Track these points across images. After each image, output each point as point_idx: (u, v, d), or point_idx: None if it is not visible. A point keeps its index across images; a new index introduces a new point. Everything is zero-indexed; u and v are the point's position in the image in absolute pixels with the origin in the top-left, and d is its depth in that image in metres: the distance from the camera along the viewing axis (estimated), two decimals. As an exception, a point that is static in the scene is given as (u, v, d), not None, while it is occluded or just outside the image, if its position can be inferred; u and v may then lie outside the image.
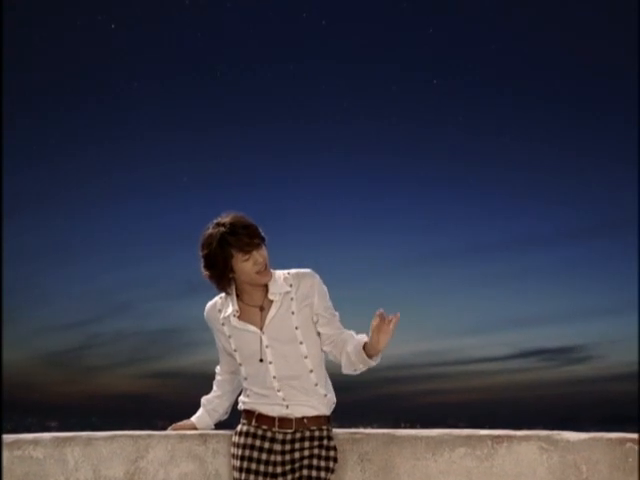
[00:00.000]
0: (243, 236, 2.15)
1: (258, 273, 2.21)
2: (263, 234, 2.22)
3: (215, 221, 2.20)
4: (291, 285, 2.26)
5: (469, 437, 2.42)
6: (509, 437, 2.41)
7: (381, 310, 2.15)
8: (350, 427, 2.53)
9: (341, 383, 2.40)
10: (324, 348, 2.31)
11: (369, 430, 2.56)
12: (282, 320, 2.25)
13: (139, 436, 2.47)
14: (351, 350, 2.23)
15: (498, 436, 2.41)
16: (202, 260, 2.21)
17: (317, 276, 2.31)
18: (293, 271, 2.30)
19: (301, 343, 2.25)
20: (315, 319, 2.28)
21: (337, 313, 2.33)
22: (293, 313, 2.25)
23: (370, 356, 2.21)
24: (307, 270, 2.31)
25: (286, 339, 2.24)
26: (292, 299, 2.26)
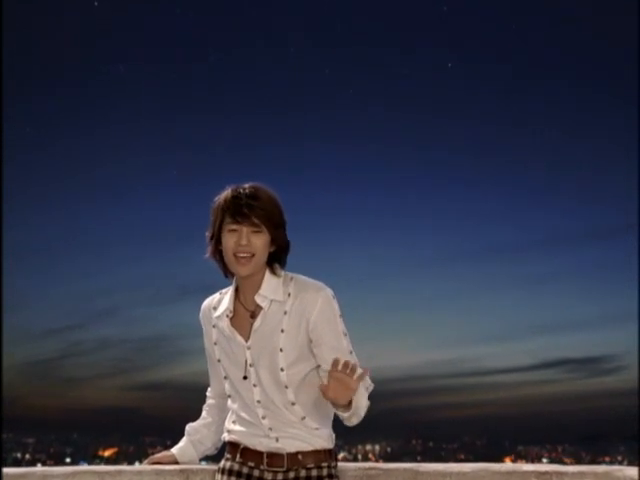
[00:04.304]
0: (242, 205, 1.94)
1: (235, 256, 1.96)
2: (272, 223, 1.96)
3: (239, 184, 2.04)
4: (289, 295, 1.99)
5: (510, 473, 2.19)
6: (558, 473, 2.17)
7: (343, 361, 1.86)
8: (355, 445, 2.29)
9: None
10: (320, 374, 2.02)
11: (387, 464, 2.33)
12: (266, 337, 1.99)
13: (106, 472, 2.25)
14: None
15: (545, 472, 2.18)
16: None
17: (325, 291, 2.00)
18: (299, 278, 2.04)
19: (282, 370, 1.98)
20: (311, 339, 2.00)
21: (346, 343, 2.02)
22: (282, 331, 1.98)
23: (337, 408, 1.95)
24: (315, 282, 2.02)
25: (267, 362, 1.99)
26: (285, 313, 1.99)
